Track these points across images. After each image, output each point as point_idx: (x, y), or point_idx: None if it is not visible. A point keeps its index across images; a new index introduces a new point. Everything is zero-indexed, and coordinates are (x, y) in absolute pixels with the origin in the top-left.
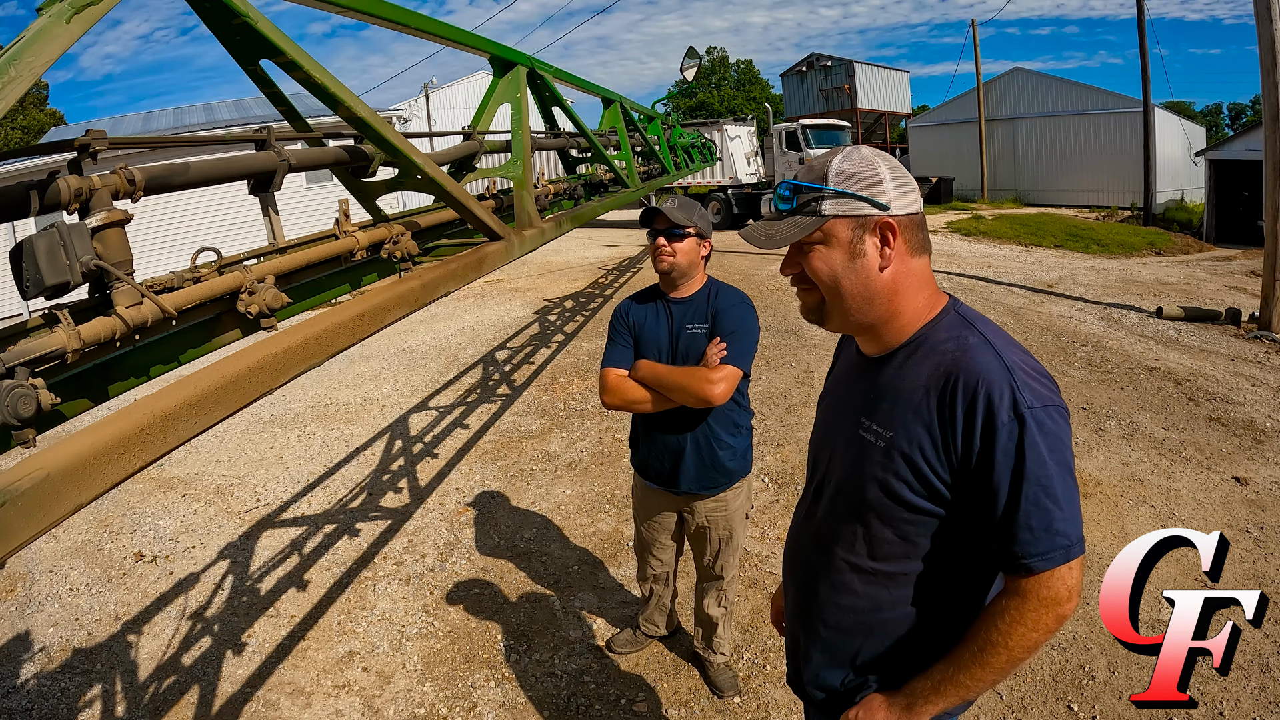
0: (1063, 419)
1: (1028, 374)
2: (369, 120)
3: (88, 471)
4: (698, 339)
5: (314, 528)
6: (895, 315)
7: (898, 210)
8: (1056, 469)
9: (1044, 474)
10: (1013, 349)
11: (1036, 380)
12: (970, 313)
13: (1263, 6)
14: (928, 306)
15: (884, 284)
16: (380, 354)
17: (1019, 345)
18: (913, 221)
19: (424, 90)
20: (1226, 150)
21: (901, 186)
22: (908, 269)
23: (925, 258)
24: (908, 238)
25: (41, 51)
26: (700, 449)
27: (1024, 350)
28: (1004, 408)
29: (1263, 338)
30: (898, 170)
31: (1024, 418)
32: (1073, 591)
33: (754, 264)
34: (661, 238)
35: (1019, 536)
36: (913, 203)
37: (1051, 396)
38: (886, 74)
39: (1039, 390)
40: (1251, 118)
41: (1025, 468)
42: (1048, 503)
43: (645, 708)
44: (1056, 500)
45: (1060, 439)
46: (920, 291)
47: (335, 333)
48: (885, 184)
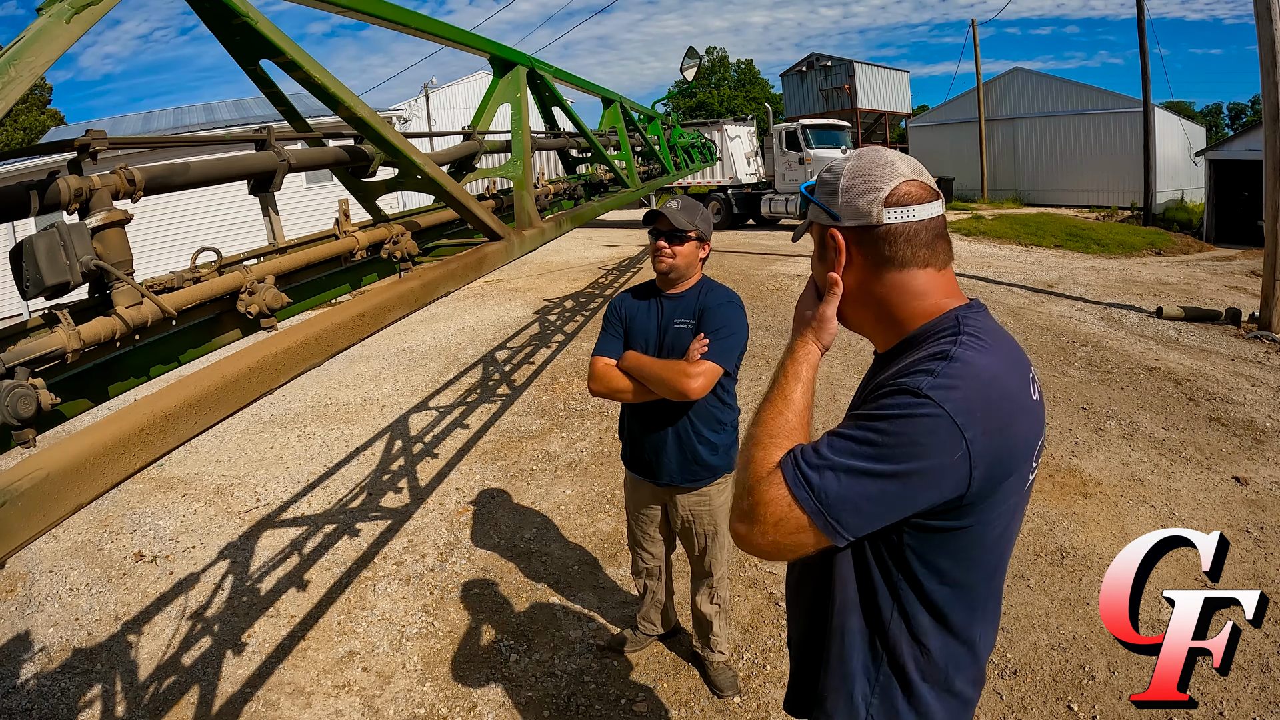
0: (946, 435)
1: (963, 374)
2: (369, 120)
3: (88, 471)
4: (684, 334)
5: (314, 528)
6: (882, 319)
7: (847, 222)
8: (872, 447)
9: (869, 439)
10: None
11: (964, 383)
12: (973, 320)
13: (1263, 6)
14: (928, 310)
15: (848, 293)
16: (380, 354)
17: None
18: (872, 234)
19: (424, 90)
20: (1226, 150)
21: (856, 197)
22: (879, 280)
23: (914, 270)
24: (865, 250)
25: (41, 51)
26: (681, 442)
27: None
28: (898, 379)
29: (1263, 338)
30: (860, 178)
31: (901, 387)
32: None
33: (754, 264)
34: (662, 239)
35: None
36: (867, 215)
37: (958, 404)
38: (886, 74)
39: (952, 388)
40: (1251, 118)
41: (863, 420)
42: (845, 454)
43: (645, 708)
44: (852, 467)
45: (912, 441)
46: (911, 300)
47: (335, 333)
48: (839, 194)
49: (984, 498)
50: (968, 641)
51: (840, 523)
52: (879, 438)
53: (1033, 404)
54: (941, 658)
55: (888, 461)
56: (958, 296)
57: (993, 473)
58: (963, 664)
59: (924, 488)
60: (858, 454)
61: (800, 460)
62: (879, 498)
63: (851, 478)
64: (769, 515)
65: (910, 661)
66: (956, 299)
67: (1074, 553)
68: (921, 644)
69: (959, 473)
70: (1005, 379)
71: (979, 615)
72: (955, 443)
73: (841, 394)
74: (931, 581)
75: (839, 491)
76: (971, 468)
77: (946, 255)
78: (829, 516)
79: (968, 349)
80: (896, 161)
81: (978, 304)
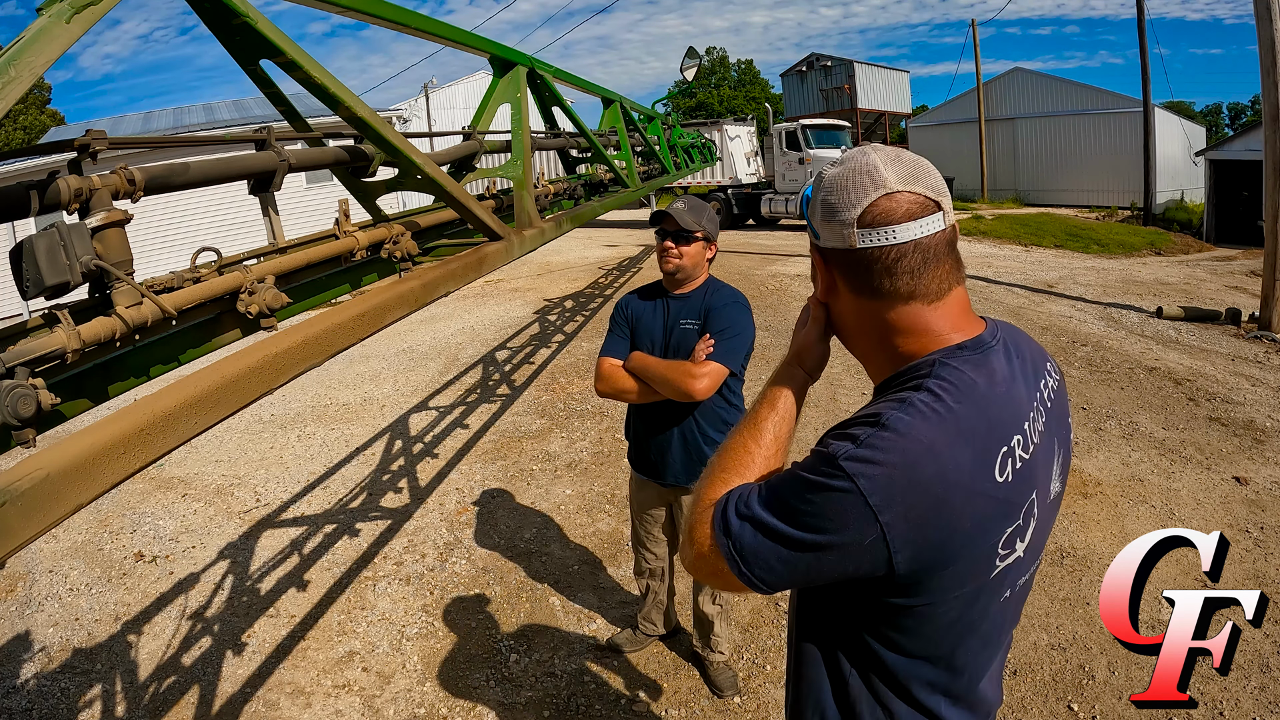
0: (854, 512)
1: (894, 446)
2: (369, 120)
3: (88, 471)
4: (689, 335)
5: (314, 528)
6: (868, 353)
7: (825, 243)
8: (787, 511)
9: (783, 500)
10: (929, 425)
11: (889, 457)
12: (952, 369)
13: (1263, 6)
14: (910, 353)
15: (837, 316)
16: (380, 354)
17: (962, 431)
18: (850, 259)
19: (424, 90)
20: (1226, 150)
21: (830, 215)
22: (858, 309)
23: (896, 305)
24: (848, 277)
25: (41, 51)
26: (686, 443)
27: (952, 440)
28: (829, 440)
29: (1263, 338)
30: (836, 193)
31: (818, 452)
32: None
33: (754, 264)
34: (669, 240)
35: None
36: (841, 238)
37: (874, 480)
38: (886, 74)
39: (871, 462)
40: (1251, 118)
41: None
42: (763, 511)
43: (645, 708)
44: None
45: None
46: (895, 338)
47: (335, 333)
48: (817, 210)
49: (921, 582)
50: (936, 717)
51: (755, 575)
52: (794, 502)
53: (991, 485)
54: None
55: (797, 529)
56: (960, 329)
57: (924, 559)
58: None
59: (835, 562)
60: (776, 513)
61: (730, 506)
62: (789, 560)
63: (765, 536)
64: (697, 549)
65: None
66: (957, 332)
67: (1074, 553)
68: (886, 707)
69: (875, 554)
70: (947, 455)
71: (949, 692)
72: (867, 524)
73: (841, 394)
74: (884, 650)
75: (753, 546)
76: (891, 552)
77: (943, 282)
78: (743, 567)
79: (911, 412)
80: (880, 168)
81: (978, 341)
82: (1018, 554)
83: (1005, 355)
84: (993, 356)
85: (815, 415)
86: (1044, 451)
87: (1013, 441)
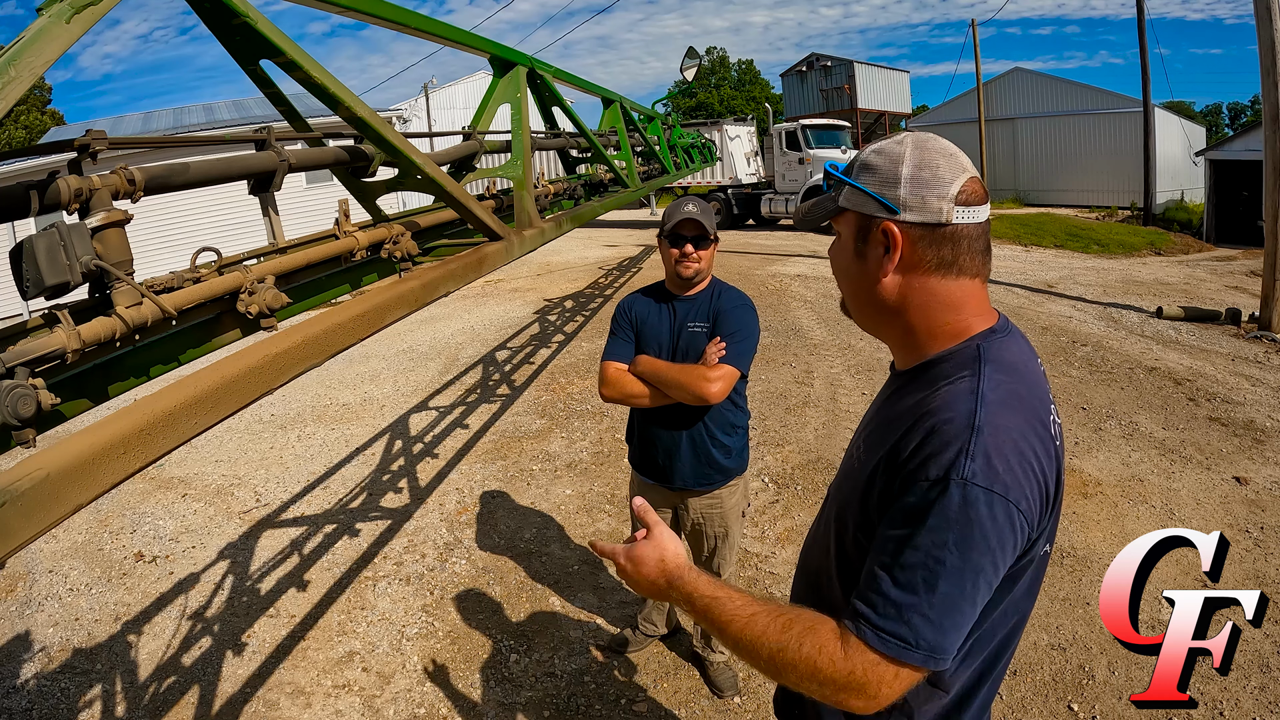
0: (1002, 514)
1: (997, 446)
2: (369, 120)
3: (88, 471)
4: (698, 337)
5: (314, 528)
6: (907, 332)
7: (910, 217)
8: (954, 561)
9: (936, 556)
10: (1006, 412)
11: (1001, 458)
12: (995, 352)
13: (1263, 6)
14: (953, 332)
15: (885, 295)
16: (380, 354)
17: (1027, 410)
18: (935, 234)
19: (424, 90)
20: (1226, 150)
21: (924, 190)
22: (921, 286)
23: (961, 280)
24: (922, 251)
25: (41, 51)
26: (695, 447)
27: (1027, 421)
28: (938, 464)
29: (1263, 338)
30: (928, 169)
31: (949, 484)
32: (876, 694)
33: (754, 264)
34: (690, 244)
35: (870, 590)
36: (937, 211)
37: (1005, 483)
38: (886, 74)
39: (994, 469)
40: (1251, 118)
41: (918, 536)
42: (921, 586)
43: (645, 708)
44: (933, 590)
45: (982, 531)
46: (943, 314)
47: (335, 333)
48: (901, 183)
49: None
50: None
51: (949, 651)
52: (980, 558)
53: (1053, 448)
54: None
55: (968, 569)
56: (987, 314)
57: (1036, 530)
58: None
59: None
60: (961, 592)
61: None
62: (975, 599)
63: (949, 615)
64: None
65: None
66: (986, 318)
67: (1074, 553)
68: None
69: (1019, 541)
70: (1030, 432)
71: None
72: (1014, 520)
73: (842, 394)
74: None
75: (936, 624)
76: (1025, 533)
77: (989, 265)
78: (929, 661)
79: (991, 406)
80: (959, 154)
81: (1001, 326)
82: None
83: (1020, 337)
84: (1015, 339)
85: (815, 415)
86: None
87: (1052, 410)
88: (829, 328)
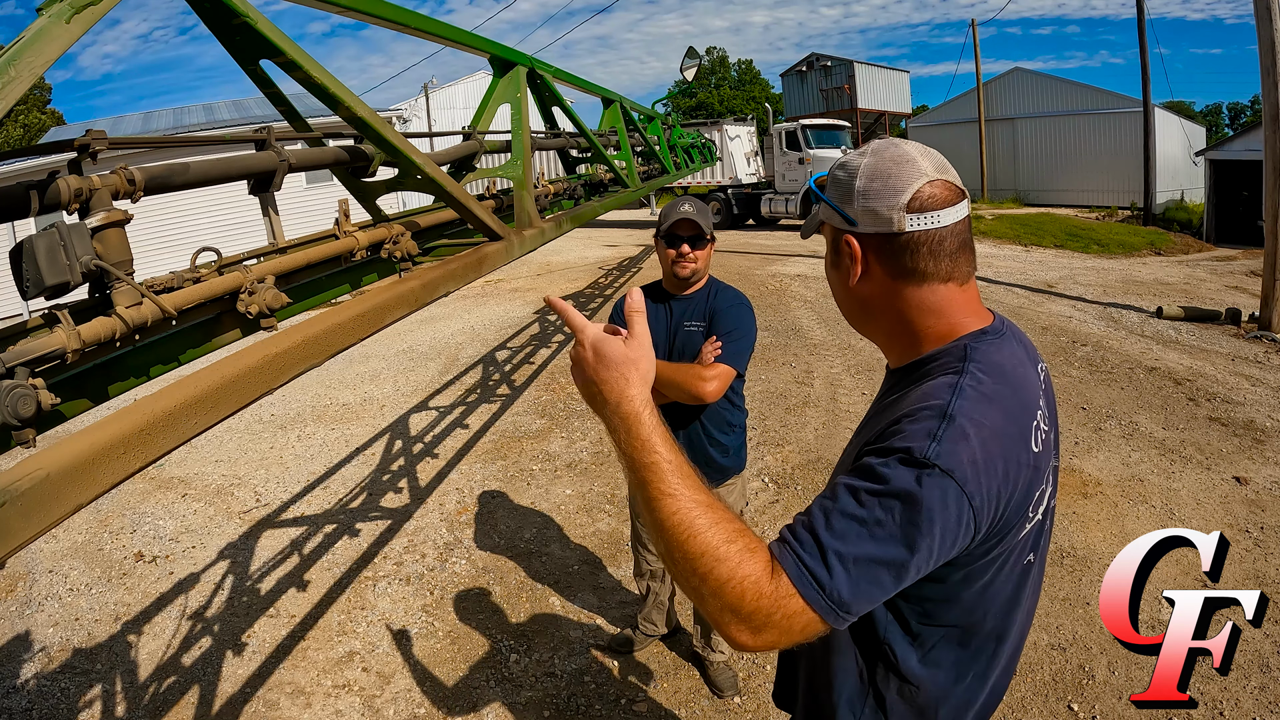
0: (954, 503)
1: (964, 437)
2: (369, 120)
3: (88, 471)
4: (694, 336)
5: (314, 528)
6: (892, 336)
7: (865, 229)
8: (892, 529)
9: (877, 518)
10: (982, 407)
11: (967, 448)
12: (983, 352)
13: (1263, 6)
14: (940, 334)
15: (861, 303)
16: (380, 354)
17: (1004, 412)
18: (892, 244)
19: (424, 90)
20: (1226, 150)
21: (873, 201)
22: (895, 293)
23: (933, 285)
24: (883, 261)
25: (41, 51)
26: (693, 445)
27: (1003, 421)
28: (904, 439)
29: (1263, 338)
30: (878, 180)
31: (911, 459)
32: (763, 626)
33: (754, 264)
34: (686, 244)
35: (804, 526)
36: (888, 221)
37: (965, 474)
38: (886, 74)
39: (957, 457)
40: (1251, 118)
41: (866, 495)
42: (853, 538)
43: (645, 708)
44: (861, 548)
45: (928, 514)
46: (924, 318)
47: (335, 333)
48: (855, 196)
49: (979, 551)
50: (963, 686)
51: (856, 610)
52: (916, 537)
53: (1031, 456)
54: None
55: (902, 538)
56: (978, 315)
57: (993, 530)
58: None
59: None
60: (882, 563)
61: (802, 562)
62: (899, 570)
63: (868, 564)
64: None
65: (896, 696)
66: (976, 318)
67: (1074, 553)
68: (910, 682)
69: (966, 534)
70: (1004, 433)
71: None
72: (963, 508)
73: (842, 394)
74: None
75: (855, 577)
76: (975, 529)
77: (970, 266)
78: (846, 610)
79: (968, 399)
80: (918, 158)
81: (994, 328)
82: (1038, 517)
83: (1015, 341)
84: (1008, 342)
85: (815, 415)
86: (1051, 425)
87: (1037, 416)
88: (829, 327)
